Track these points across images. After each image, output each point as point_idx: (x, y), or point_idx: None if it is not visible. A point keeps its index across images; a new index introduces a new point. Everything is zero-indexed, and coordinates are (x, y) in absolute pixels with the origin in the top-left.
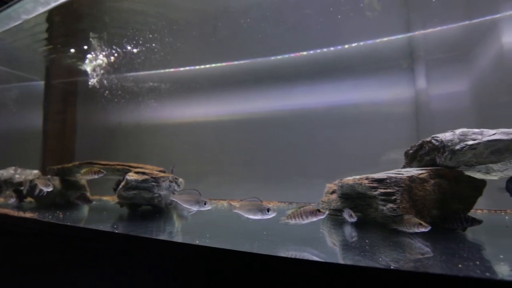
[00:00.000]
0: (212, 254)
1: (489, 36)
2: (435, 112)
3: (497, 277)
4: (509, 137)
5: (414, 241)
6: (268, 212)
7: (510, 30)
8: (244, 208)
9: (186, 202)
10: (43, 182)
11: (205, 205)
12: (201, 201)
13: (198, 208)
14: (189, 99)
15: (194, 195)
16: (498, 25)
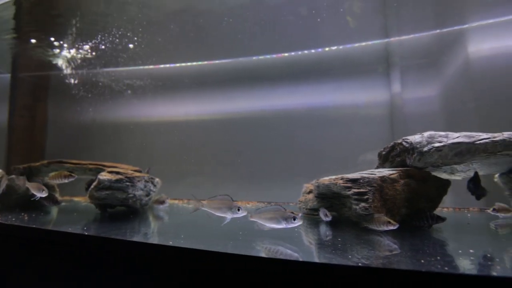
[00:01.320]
0: (184, 255)
1: (457, 45)
2: (408, 115)
3: (455, 271)
4: (470, 140)
5: (384, 238)
6: (238, 211)
7: (476, 40)
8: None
9: (218, 210)
10: (35, 186)
11: (238, 211)
12: (234, 207)
13: (231, 215)
14: (170, 97)
15: (226, 201)
16: (465, 35)
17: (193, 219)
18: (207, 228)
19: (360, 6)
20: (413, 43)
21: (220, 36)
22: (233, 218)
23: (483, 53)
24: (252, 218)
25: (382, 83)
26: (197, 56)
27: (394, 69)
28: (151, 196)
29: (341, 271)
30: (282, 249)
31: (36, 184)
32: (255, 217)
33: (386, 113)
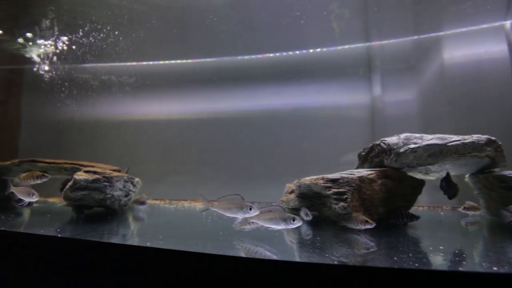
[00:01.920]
0: (161, 256)
1: (433, 52)
2: (388, 117)
3: (424, 267)
4: (443, 142)
5: (361, 237)
6: (250, 210)
7: (450, 47)
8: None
9: (228, 211)
10: (23, 191)
11: (250, 210)
12: (246, 206)
13: (242, 215)
14: (153, 95)
15: (236, 201)
16: (441, 42)
17: (174, 219)
18: (188, 229)
19: (343, 10)
20: (393, 48)
21: (204, 34)
22: (214, 218)
23: (456, 60)
24: (251, 219)
25: (364, 86)
26: (181, 54)
27: (375, 72)
28: (130, 196)
29: (319, 269)
30: (261, 250)
31: (24, 189)
32: (254, 218)
33: (367, 115)
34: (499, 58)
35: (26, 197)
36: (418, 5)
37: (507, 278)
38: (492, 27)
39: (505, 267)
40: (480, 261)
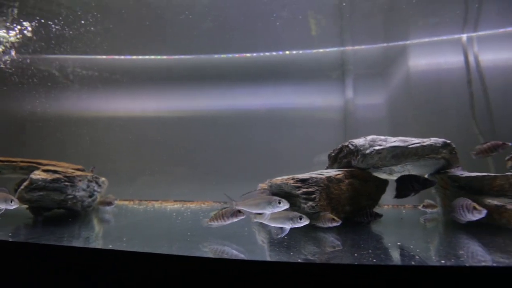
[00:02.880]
0: (121, 258)
1: (400, 59)
2: (359, 119)
3: (382, 263)
4: (404, 144)
5: (328, 235)
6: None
7: (415, 55)
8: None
9: (255, 207)
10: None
11: (279, 204)
12: (274, 200)
13: (271, 209)
14: (125, 91)
15: (263, 196)
16: (407, 51)
17: (141, 220)
18: (155, 230)
19: (319, 16)
20: (365, 54)
21: (180, 30)
22: (184, 219)
23: (420, 68)
24: (256, 219)
25: (337, 89)
26: (155, 49)
27: (348, 76)
28: (95, 197)
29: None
30: (228, 249)
31: (2, 194)
32: (259, 217)
33: (340, 117)
34: (457, 68)
35: (1, 203)
36: (387, 15)
37: (452, 270)
38: (452, 39)
39: (452, 260)
40: (431, 255)
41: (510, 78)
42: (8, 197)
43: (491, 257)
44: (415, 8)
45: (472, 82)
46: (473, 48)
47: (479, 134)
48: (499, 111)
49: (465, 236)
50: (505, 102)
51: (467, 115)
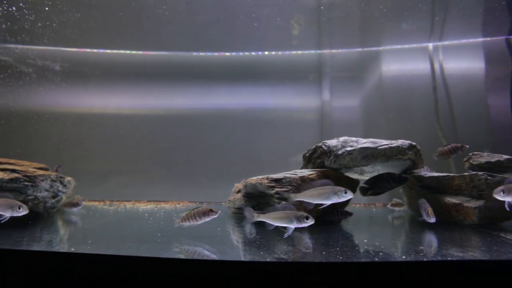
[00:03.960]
0: (84, 261)
1: (374, 64)
2: (335, 121)
3: (348, 260)
4: (374, 145)
5: (300, 234)
6: (307, 220)
7: (387, 61)
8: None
9: (279, 220)
10: (4, 203)
11: (307, 220)
12: (301, 216)
13: (297, 224)
14: (99, 87)
15: (288, 211)
16: (380, 56)
17: (110, 222)
18: (124, 231)
19: (297, 18)
20: (341, 57)
21: (156, 26)
22: (156, 219)
23: (391, 73)
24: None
25: (314, 91)
26: (131, 44)
27: (325, 78)
28: (59, 198)
29: (254, 266)
30: (199, 250)
31: (5, 200)
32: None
33: (317, 118)
34: (424, 75)
35: (6, 210)
36: (362, 21)
37: (412, 265)
38: (419, 47)
39: (412, 255)
40: (394, 252)
41: (470, 86)
42: (15, 203)
43: (448, 251)
44: (386, 17)
45: (437, 88)
46: (439, 57)
47: (443, 137)
48: (461, 116)
49: (427, 232)
50: (466, 108)
51: (433, 119)
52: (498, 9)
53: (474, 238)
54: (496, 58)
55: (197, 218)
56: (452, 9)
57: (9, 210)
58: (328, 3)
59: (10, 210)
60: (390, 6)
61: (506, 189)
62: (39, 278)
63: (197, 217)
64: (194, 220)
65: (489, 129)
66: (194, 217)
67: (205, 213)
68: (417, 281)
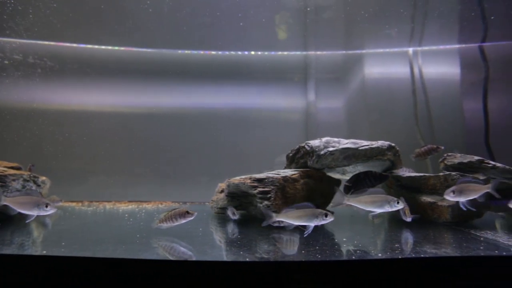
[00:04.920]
0: (56, 264)
1: (357, 66)
2: (320, 122)
3: (326, 258)
4: (355, 146)
5: (281, 234)
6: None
7: (370, 64)
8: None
9: (298, 219)
10: (28, 202)
11: (326, 218)
12: (320, 214)
13: (317, 223)
14: (79, 83)
15: (307, 209)
16: (363, 59)
17: (87, 223)
18: (101, 233)
19: (284, 18)
20: (326, 59)
21: (140, 21)
22: (136, 220)
23: (374, 76)
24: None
25: (299, 91)
26: (113, 39)
27: (310, 80)
28: None
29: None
30: (178, 250)
31: (31, 198)
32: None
33: (302, 119)
34: (404, 78)
35: (32, 209)
36: (346, 24)
37: (386, 262)
38: (400, 51)
39: (388, 253)
40: (371, 250)
41: (447, 90)
42: (41, 201)
43: (422, 248)
44: (368, 22)
45: (416, 92)
46: (418, 61)
47: (421, 139)
48: (438, 119)
49: (404, 230)
50: (443, 111)
51: (412, 121)
52: (472, 17)
53: (447, 236)
54: (470, 64)
55: (173, 219)
56: (431, 16)
57: (36, 209)
58: (314, 5)
59: (37, 209)
60: (372, 11)
61: (456, 190)
62: (6, 283)
63: (173, 219)
64: (171, 221)
65: (464, 131)
66: (171, 218)
67: (182, 215)
68: (393, 278)
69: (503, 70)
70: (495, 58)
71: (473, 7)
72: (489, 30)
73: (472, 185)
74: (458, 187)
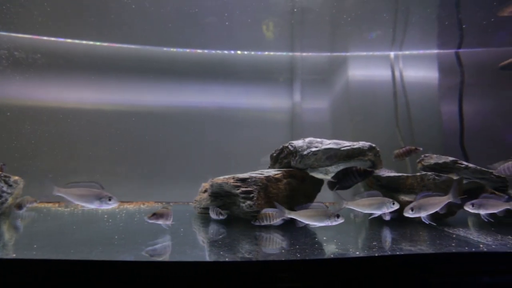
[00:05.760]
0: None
1: (341, 68)
2: (305, 122)
3: (306, 257)
4: (337, 146)
5: (265, 233)
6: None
7: (353, 67)
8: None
9: (311, 218)
10: (90, 194)
11: (338, 218)
12: (332, 215)
13: (329, 223)
14: (57, 79)
15: (320, 209)
16: (347, 61)
17: (63, 225)
18: (77, 235)
19: (271, 19)
20: (312, 61)
21: (124, 17)
22: (116, 221)
23: (357, 78)
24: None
25: (285, 92)
26: (95, 34)
27: (296, 80)
28: (4, 199)
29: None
30: (158, 251)
31: (92, 191)
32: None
33: (288, 119)
34: (386, 81)
35: (93, 202)
36: (331, 27)
37: (363, 260)
38: (382, 55)
39: (365, 251)
40: (350, 248)
41: (426, 93)
42: (103, 194)
43: (398, 246)
44: (352, 25)
45: (397, 94)
46: (399, 65)
47: (401, 140)
48: (418, 121)
49: (383, 229)
50: (422, 113)
51: (393, 123)
52: (449, 25)
53: (422, 233)
54: (448, 69)
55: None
56: (411, 21)
57: (97, 202)
58: (301, 7)
59: (98, 202)
60: (354, 16)
61: (415, 207)
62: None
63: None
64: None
65: (441, 133)
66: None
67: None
68: (370, 275)
69: (477, 75)
70: (470, 64)
71: (451, 15)
72: (465, 38)
73: (432, 199)
74: (417, 203)
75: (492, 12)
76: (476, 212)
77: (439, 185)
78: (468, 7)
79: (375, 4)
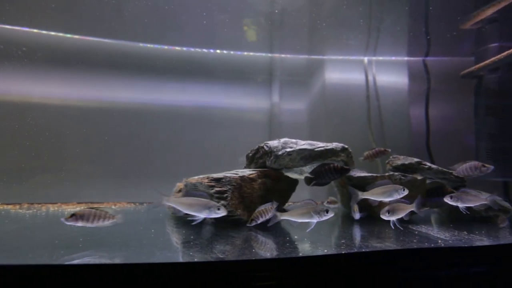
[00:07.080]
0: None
1: (318, 71)
2: (283, 123)
3: (275, 256)
4: (311, 147)
5: (238, 233)
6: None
7: (330, 70)
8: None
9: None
10: (200, 204)
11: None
12: (322, 210)
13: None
14: (20, 71)
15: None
16: (324, 65)
17: (21, 228)
18: (38, 238)
19: (251, 19)
20: (291, 62)
21: (97, 9)
22: None
23: (332, 81)
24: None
25: (264, 92)
26: (64, 25)
27: (275, 81)
28: None
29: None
30: (124, 253)
31: (201, 200)
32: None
33: (266, 119)
34: (360, 85)
35: (202, 211)
36: (309, 30)
37: (330, 258)
38: (357, 60)
39: (333, 249)
40: (318, 246)
41: (397, 98)
42: (212, 204)
43: (366, 243)
44: (327, 30)
45: (370, 98)
46: (372, 70)
47: (373, 142)
48: (389, 124)
49: (353, 227)
50: (393, 117)
51: (365, 125)
52: (418, 34)
53: (388, 231)
54: (416, 75)
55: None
56: (383, 28)
57: (206, 211)
58: (281, 8)
59: (207, 211)
60: (329, 22)
61: (391, 210)
62: None
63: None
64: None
65: (410, 136)
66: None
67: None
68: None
69: (443, 82)
70: (436, 72)
71: (419, 25)
72: (431, 47)
73: (402, 205)
74: (391, 207)
75: (456, 25)
76: (454, 205)
77: (404, 184)
78: (435, 19)
79: (351, 11)
